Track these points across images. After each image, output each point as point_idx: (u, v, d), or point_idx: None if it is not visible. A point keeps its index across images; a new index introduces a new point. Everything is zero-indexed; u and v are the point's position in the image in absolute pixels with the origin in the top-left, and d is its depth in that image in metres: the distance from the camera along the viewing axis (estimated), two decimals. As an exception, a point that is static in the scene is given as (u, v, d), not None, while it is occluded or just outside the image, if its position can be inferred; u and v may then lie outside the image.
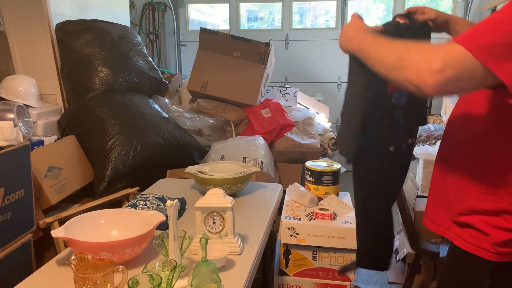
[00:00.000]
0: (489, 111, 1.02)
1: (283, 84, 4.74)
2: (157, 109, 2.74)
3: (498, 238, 1.02)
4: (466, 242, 1.08)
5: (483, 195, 1.04)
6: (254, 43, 3.01)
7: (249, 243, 1.47)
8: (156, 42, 5.02)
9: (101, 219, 1.45)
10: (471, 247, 1.07)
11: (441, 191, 1.16)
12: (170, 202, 1.22)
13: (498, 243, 1.03)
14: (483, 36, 0.86)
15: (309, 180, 2.05)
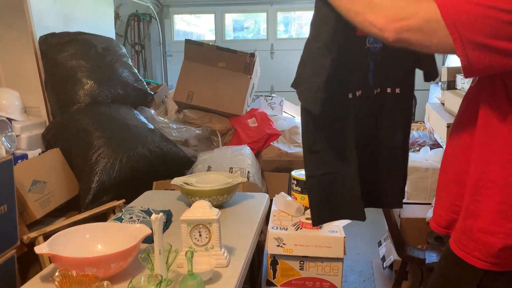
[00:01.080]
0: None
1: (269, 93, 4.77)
2: (143, 120, 2.73)
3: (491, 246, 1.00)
4: (457, 247, 1.06)
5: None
6: (239, 53, 3.02)
7: (235, 254, 1.47)
8: (142, 53, 5.02)
9: (86, 234, 1.44)
10: (461, 253, 1.05)
11: (443, 191, 1.15)
12: (155, 216, 1.21)
13: (490, 252, 1.00)
14: (458, 1, 0.86)
15: (295, 190, 2.06)
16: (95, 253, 1.35)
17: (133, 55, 4.96)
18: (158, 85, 3.78)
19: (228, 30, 5.20)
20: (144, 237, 1.36)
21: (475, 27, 0.84)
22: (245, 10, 5.05)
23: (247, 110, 3.15)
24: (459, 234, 1.06)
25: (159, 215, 1.21)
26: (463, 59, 0.86)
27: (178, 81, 3.05)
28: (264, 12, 4.96)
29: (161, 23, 5.02)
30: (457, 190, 1.09)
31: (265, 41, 5.00)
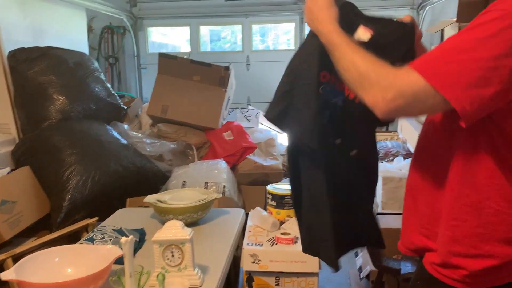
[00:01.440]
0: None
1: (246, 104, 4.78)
2: (116, 136, 2.70)
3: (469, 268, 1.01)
4: (435, 270, 1.06)
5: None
6: (213, 67, 3.02)
7: (210, 273, 1.45)
8: (116, 66, 4.97)
9: (55, 257, 1.40)
10: (440, 276, 1.05)
11: (413, 216, 1.14)
12: (125, 238, 1.19)
13: (470, 274, 1.01)
14: (437, 63, 0.88)
15: (270, 204, 2.06)
16: (64, 277, 1.32)
17: (107, 68, 4.90)
18: (132, 98, 3.75)
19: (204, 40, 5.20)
20: (116, 259, 1.33)
21: (467, 83, 0.85)
22: (220, 22, 5.06)
23: (223, 123, 3.15)
24: (436, 258, 1.06)
25: (129, 238, 1.19)
26: (463, 114, 0.87)
27: (152, 95, 3.02)
28: (239, 25, 4.99)
29: (135, 35, 4.98)
30: (428, 214, 1.09)
31: (241, 53, 5.02)
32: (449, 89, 0.86)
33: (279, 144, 3.34)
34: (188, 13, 4.92)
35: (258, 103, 4.82)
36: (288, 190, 2.05)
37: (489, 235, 1.00)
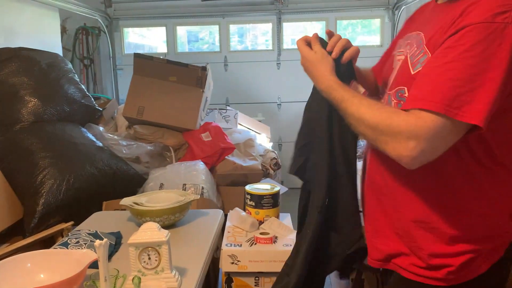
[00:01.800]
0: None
1: (225, 105, 4.75)
2: (91, 138, 2.64)
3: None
4: (415, 274, 1.06)
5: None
6: (190, 67, 3.00)
7: (188, 275, 1.43)
8: (91, 67, 4.88)
9: (27, 263, 1.36)
10: (421, 278, 1.06)
11: (383, 217, 1.13)
12: (99, 242, 1.16)
13: (450, 271, 1.04)
14: (441, 90, 0.87)
15: (249, 204, 2.05)
16: (36, 283, 1.28)
17: (82, 69, 4.81)
18: (108, 100, 3.69)
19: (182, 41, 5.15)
20: (91, 263, 1.30)
21: (482, 101, 0.85)
22: (196, 22, 5.02)
23: (201, 124, 3.12)
24: (417, 262, 1.06)
25: (103, 241, 1.16)
26: (483, 127, 0.86)
27: (128, 96, 2.98)
28: (217, 25, 4.96)
29: (111, 36, 4.90)
30: (398, 217, 1.08)
31: (219, 53, 4.99)
32: (468, 114, 0.85)
33: (258, 145, 3.33)
34: (164, 13, 4.87)
35: (237, 103, 4.80)
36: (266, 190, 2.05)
37: (469, 236, 1.02)
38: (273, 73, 4.89)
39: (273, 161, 3.22)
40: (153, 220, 1.72)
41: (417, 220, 1.04)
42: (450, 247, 1.02)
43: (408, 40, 1.11)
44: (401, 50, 1.14)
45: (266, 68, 4.90)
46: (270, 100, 4.94)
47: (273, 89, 4.92)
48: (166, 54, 4.82)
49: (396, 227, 1.09)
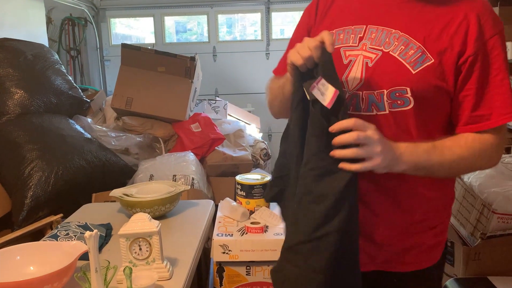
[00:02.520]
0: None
1: (214, 96, 4.73)
2: (79, 129, 2.61)
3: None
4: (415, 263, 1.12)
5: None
6: (179, 57, 2.97)
7: (179, 265, 1.43)
8: (78, 58, 4.82)
9: (16, 255, 1.35)
10: (419, 266, 1.14)
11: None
12: (89, 233, 1.15)
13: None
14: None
15: (240, 194, 2.05)
16: (26, 275, 1.26)
17: (69, 60, 4.75)
18: (96, 91, 3.64)
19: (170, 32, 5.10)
20: (81, 255, 1.29)
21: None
22: (184, 12, 4.98)
23: (190, 115, 3.10)
24: (407, 252, 1.10)
25: (93, 232, 1.15)
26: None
27: (116, 87, 2.94)
28: (205, 15, 4.92)
29: (98, 27, 4.83)
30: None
31: (207, 43, 4.95)
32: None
33: (248, 135, 3.32)
34: (152, 3, 4.81)
35: (226, 94, 4.78)
36: (257, 179, 2.05)
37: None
38: (262, 64, 4.87)
39: (263, 151, 3.22)
40: (144, 211, 1.71)
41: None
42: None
43: (361, 34, 1.05)
44: (355, 45, 1.05)
45: (255, 59, 4.88)
46: (260, 91, 4.92)
47: (263, 79, 4.87)
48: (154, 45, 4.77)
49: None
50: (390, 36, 1.01)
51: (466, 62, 0.96)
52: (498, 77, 0.97)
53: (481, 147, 0.99)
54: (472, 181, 1.90)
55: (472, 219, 1.84)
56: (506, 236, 1.77)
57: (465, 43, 0.96)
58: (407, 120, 1.00)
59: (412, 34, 0.99)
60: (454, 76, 0.97)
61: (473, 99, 0.98)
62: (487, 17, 0.97)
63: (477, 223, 1.82)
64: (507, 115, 0.97)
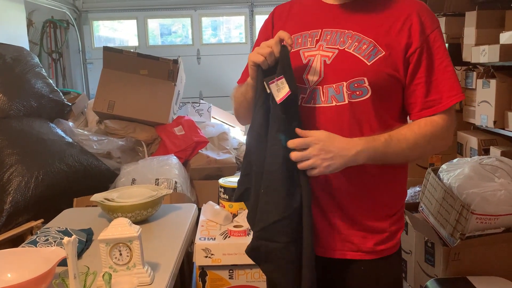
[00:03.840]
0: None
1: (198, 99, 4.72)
2: (60, 133, 2.59)
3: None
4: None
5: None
6: (161, 60, 2.96)
7: (160, 270, 1.42)
8: (60, 61, 4.76)
9: (-7, 262, 1.32)
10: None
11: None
12: (67, 239, 1.14)
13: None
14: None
15: (223, 198, 2.04)
16: (4, 282, 1.25)
17: (51, 63, 4.69)
18: (78, 95, 3.61)
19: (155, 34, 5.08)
20: (60, 261, 1.28)
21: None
22: (168, 15, 4.96)
23: (173, 118, 3.09)
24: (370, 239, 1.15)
25: (71, 237, 1.14)
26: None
27: (98, 90, 2.92)
28: (188, 18, 4.91)
29: (80, 29, 4.79)
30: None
31: (191, 46, 4.95)
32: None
33: (232, 138, 3.32)
34: (135, 6, 4.79)
35: (210, 97, 4.78)
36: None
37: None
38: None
39: (247, 154, 3.22)
40: (125, 215, 1.70)
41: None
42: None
43: (318, 37, 1.14)
44: (312, 46, 1.14)
45: (240, 61, 4.88)
46: (244, 93, 4.92)
47: (247, 82, 4.90)
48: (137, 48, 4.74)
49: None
50: (344, 36, 1.12)
51: (414, 53, 1.09)
52: (442, 64, 1.09)
53: (433, 130, 1.09)
54: (451, 183, 1.93)
55: (452, 220, 1.86)
56: (484, 236, 1.80)
57: (410, 37, 1.09)
58: (366, 109, 1.10)
59: (364, 32, 1.11)
60: (403, 66, 1.09)
61: (424, 87, 1.10)
62: (426, 15, 1.11)
63: (457, 223, 1.84)
64: (455, 96, 1.09)
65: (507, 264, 1.89)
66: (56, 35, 4.69)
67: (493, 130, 2.52)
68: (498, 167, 1.95)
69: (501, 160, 2.00)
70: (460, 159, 2.15)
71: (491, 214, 1.80)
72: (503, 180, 1.87)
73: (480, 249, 1.83)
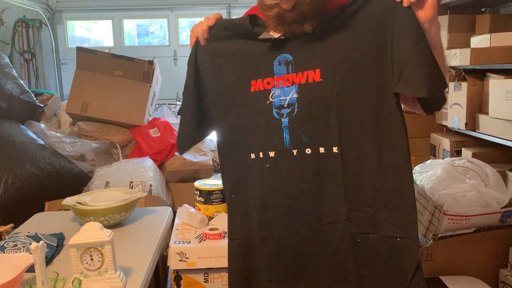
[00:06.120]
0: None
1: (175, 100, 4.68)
2: (31, 136, 2.52)
3: None
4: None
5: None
6: (136, 61, 2.92)
7: (133, 275, 1.39)
8: (33, 61, 4.65)
9: (-42, 270, 1.28)
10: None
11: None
12: (35, 244, 1.11)
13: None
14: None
15: (198, 200, 2.03)
16: (-32, 291, 1.20)
17: (23, 63, 4.57)
18: (51, 96, 3.53)
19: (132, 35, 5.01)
20: (28, 267, 1.24)
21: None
22: (144, 16, 4.90)
23: (149, 120, 3.06)
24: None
25: (39, 243, 1.11)
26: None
27: (71, 91, 2.86)
28: (165, 18, 4.86)
29: (53, 29, 4.68)
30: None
31: (168, 47, 4.89)
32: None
33: (209, 140, 3.30)
34: (110, 6, 4.71)
35: (187, 98, 4.73)
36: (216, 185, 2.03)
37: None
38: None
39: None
40: (98, 219, 1.67)
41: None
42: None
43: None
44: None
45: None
46: (221, 95, 4.90)
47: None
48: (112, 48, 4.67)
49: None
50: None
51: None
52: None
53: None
54: (424, 184, 1.96)
55: (425, 221, 1.89)
56: (456, 237, 1.83)
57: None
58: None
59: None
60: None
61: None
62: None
63: (429, 224, 1.87)
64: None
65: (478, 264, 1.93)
66: (28, 35, 4.56)
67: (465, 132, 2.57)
68: (469, 169, 1.99)
69: (472, 162, 2.04)
70: (432, 161, 2.19)
71: (463, 215, 1.84)
72: (473, 181, 1.91)
73: (452, 249, 1.87)
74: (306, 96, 1.08)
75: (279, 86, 1.10)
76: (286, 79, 1.09)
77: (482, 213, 1.85)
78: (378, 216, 1.07)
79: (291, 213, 1.12)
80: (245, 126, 1.16)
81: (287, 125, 1.09)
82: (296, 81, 1.09)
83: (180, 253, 1.72)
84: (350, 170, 1.07)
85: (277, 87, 1.10)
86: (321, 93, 1.06)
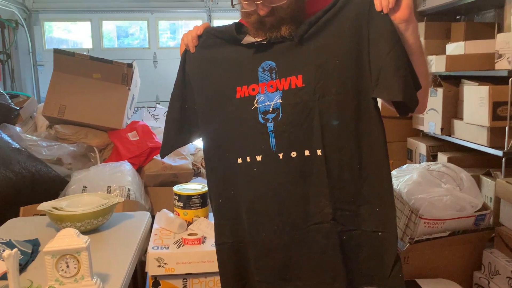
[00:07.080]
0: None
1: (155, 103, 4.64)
2: (6, 139, 2.46)
3: None
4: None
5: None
6: (115, 64, 2.89)
7: (110, 281, 1.38)
8: (8, 63, 4.56)
9: None
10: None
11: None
12: (8, 252, 1.08)
13: None
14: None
15: (177, 205, 2.01)
16: None
17: (-2, 65, 4.48)
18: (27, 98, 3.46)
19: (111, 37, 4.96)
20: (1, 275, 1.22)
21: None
22: (123, 18, 4.86)
23: (128, 123, 3.02)
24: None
25: (12, 251, 1.09)
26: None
27: (48, 94, 2.81)
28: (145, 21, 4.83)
29: (30, 30, 4.61)
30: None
31: (148, 49, 4.87)
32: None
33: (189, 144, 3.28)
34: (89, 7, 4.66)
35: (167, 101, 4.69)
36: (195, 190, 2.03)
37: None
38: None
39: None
40: (74, 225, 1.64)
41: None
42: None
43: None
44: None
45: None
46: (202, 98, 4.89)
47: (205, 86, 4.87)
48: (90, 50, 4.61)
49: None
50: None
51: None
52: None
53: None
54: (401, 188, 1.99)
55: (401, 225, 1.92)
56: (432, 240, 1.87)
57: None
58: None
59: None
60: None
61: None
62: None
63: (406, 228, 1.90)
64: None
65: (453, 266, 1.97)
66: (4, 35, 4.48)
67: (440, 137, 2.62)
68: (444, 173, 2.03)
69: (447, 166, 2.08)
70: (409, 165, 2.23)
71: (438, 219, 1.87)
72: (448, 185, 1.95)
73: (428, 252, 1.90)
74: (290, 101, 1.11)
75: (264, 92, 1.13)
76: (270, 85, 1.12)
77: (456, 217, 1.90)
78: (360, 212, 1.11)
79: (278, 216, 1.14)
80: (232, 131, 1.18)
81: (272, 130, 1.12)
82: (280, 87, 1.12)
83: (159, 258, 1.70)
84: (334, 171, 1.10)
85: (261, 93, 1.13)
86: (304, 98, 1.09)
